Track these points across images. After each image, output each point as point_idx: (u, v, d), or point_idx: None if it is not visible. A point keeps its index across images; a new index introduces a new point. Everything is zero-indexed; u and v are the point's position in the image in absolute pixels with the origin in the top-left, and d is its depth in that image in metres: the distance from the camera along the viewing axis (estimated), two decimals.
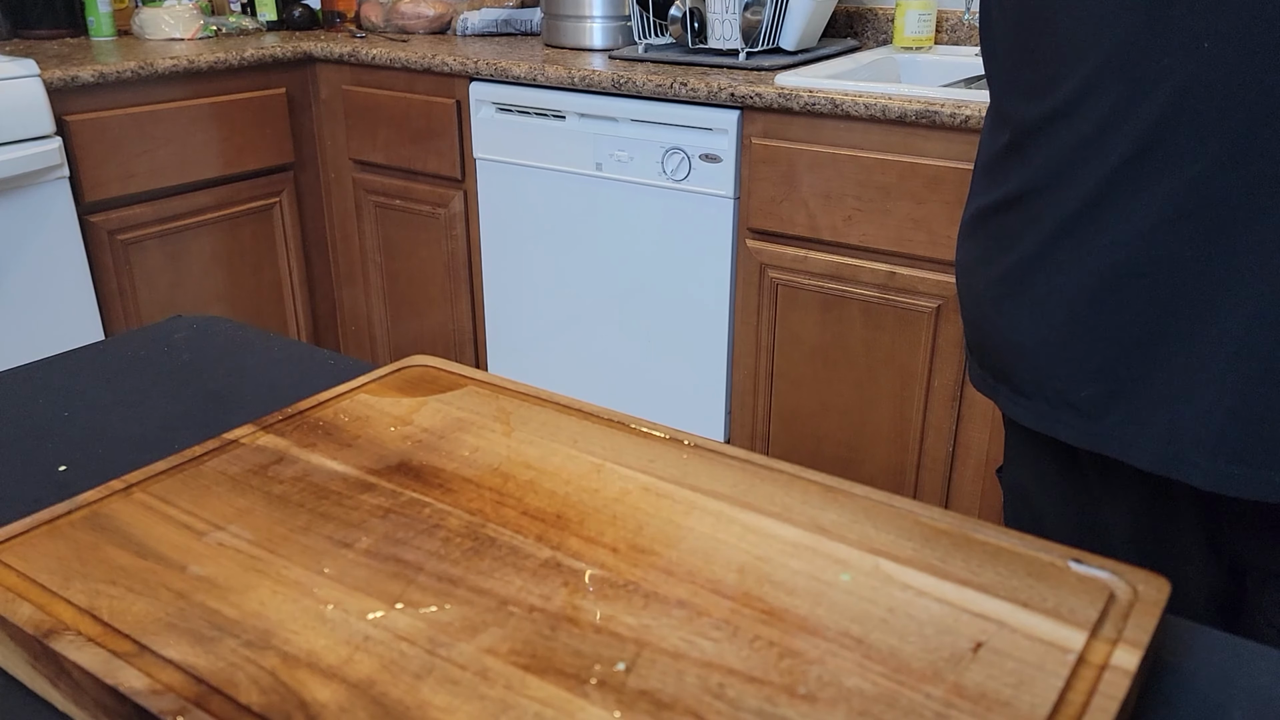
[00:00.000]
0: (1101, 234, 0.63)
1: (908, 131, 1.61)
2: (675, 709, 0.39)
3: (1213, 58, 0.57)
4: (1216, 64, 0.57)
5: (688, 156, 1.82)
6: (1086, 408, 0.67)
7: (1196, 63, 0.57)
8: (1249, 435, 0.60)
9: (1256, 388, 0.59)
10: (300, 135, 2.33)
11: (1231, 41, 0.56)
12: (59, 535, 0.50)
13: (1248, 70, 0.56)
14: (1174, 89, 0.58)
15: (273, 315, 2.37)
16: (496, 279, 2.19)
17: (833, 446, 1.85)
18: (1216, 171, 0.58)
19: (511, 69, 1.98)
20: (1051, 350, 0.68)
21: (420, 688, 0.40)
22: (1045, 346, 0.68)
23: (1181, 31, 0.57)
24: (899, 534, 0.50)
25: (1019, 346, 0.71)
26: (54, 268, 1.91)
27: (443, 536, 0.50)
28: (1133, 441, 0.65)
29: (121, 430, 0.67)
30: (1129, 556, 0.73)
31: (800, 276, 1.78)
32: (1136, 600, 0.45)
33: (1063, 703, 0.39)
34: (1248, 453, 0.61)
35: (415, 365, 0.69)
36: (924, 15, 2.03)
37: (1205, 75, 0.57)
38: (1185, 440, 0.63)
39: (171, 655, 0.42)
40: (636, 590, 0.46)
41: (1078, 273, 0.65)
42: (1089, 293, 0.65)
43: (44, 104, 1.83)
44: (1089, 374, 0.66)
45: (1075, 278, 0.65)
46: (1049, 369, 0.69)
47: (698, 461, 0.57)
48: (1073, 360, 0.67)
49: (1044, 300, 0.68)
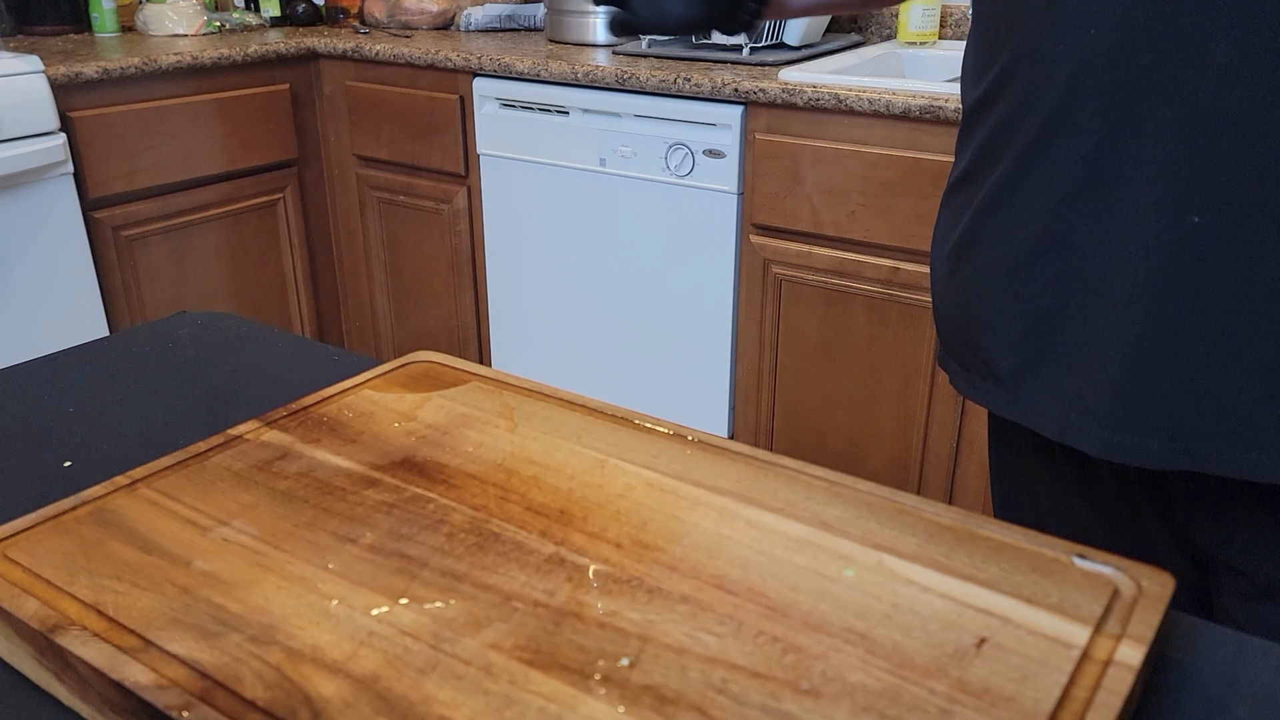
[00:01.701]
0: (1017, 211, 0.67)
1: (912, 127, 1.61)
2: (679, 704, 0.39)
3: (1097, 42, 0.60)
4: (1100, 48, 0.60)
5: (691, 152, 1.82)
6: (1007, 379, 0.71)
7: (1084, 49, 0.61)
8: (1129, 405, 0.64)
9: (1133, 361, 0.63)
10: (304, 131, 2.33)
11: (1112, 26, 0.59)
12: (64, 531, 0.50)
13: (1125, 52, 0.59)
14: (1068, 74, 0.62)
15: (277, 311, 2.37)
16: (500, 275, 2.19)
17: (836, 442, 1.85)
18: (1105, 151, 0.61)
19: (515, 64, 1.97)
20: (980, 324, 0.72)
21: (424, 683, 0.40)
22: (975, 320, 0.72)
23: (1074, 17, 0.61)
24: (903, 530, 0.50)
25: (958, 320, 0.75)
26: (58, 264, 1.91)
27: (447, 532, 0.50)
28: (1042, 411, 0.69)
29: (126, 426, 0.67)
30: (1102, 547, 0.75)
31: (804, 272, 1.78)
32: (1140, 596, 0.45)
33: (1066, 698, 0.39)
34: (1129, 421, 0.64)
35: (419, 361, 0.69)
36: (928, 10, 2.03)
37: (1091, 60, 0.61)
38: (1080, 409, 0.66)
39: (177, 650, 0.42)
40: (640, 586, 0.46)
41: (998, 249, 0.69)
42: (1006, 267, 0.68)
43: (48, 100, 1.83)
44: (1007, 346, 0.70)
45: (997, 253, 0.69)
46: (979, 341, 0.72)
47: (701, 457, 0.57)
48: (995, 333, 0.70)
49: (975, 276, 0.72)
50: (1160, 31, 0.58)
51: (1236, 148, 0.57)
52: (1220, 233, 0.59)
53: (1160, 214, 0.60)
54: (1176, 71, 0.58)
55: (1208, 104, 0.57)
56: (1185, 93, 0.58)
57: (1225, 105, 0.57)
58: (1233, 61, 0.56)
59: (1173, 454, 0.64)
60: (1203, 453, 0.63)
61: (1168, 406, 0.63)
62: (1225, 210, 0.58)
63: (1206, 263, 0.59)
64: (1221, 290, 0.59)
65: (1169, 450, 0.64)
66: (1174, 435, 0.63)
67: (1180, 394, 0.62)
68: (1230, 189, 0.58)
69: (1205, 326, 0.60)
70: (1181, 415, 0.63)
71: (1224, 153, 0.57)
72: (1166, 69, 0.58)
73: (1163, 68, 0.58)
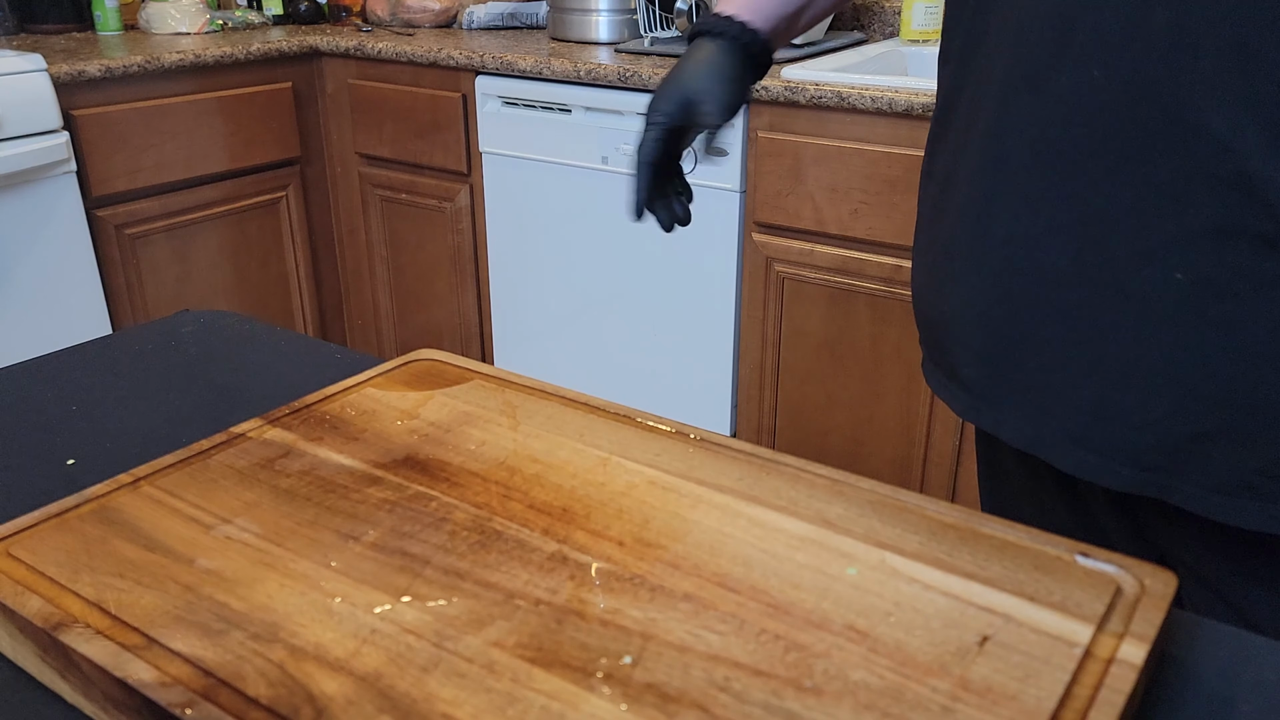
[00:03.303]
0: (990, 227, 0.66)
1: (914, 125, 1.61)
2: (681, 702, 0.39)
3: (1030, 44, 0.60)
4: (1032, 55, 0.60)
5: (693, 150, 1.82)
6: (971, 385, 0.70)
7: (1014, 55, 0.61)
8: (1104, 432, 0.63)
9: (1106, 392, 0.62)
10: (306, 129, 2.33)
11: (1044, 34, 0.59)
12: (68, 529, 0.50)
13: (1122, 94, 0.57)
14: (1000, 82, 0.62)
15: (279, 309, 2.38)
16: (502, 273, 2.19)
17: (839, 440, 1.85)
18: (1101, 181, 0.59)
19: (517, 63, 1.97)
20: (946, 327, 0.71)
21: (427, 680, 0.40)
22: (943, 325, 0.72)
23: (1000, 27, 0.62)
24: (905, 528, 0.50)
25: (926, 315, 0.75)
26: (61, 262, 1.92)
27: (449, 530, 0.50)
28: (1005, 421, 0.69)
29: (129, 424, 0.67)
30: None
31: (806, 270, 1.78)
32: (1143, 594, 0.45)
33: (1069, 696, 0.39)
34: (1103, 445, 0.64)
35: (421, 359, 0.69)
36: (931, 8, 2.03)
37: (1022, 68, 0.61)
38: (1050, 428, 0.66)
39: (180, 648, 0.42)
40: (643, 584, 0.46)
41: (968, 260, 0.68)
42: (976, 282, 0.67)
43: (51, 99, 1.83)
44: (972, 355, 0.69)
45: (967, 264, 0.68)
46: (945, 345, 0.72)
47: (704, 455, 0.57)
48: (961, 342, 0.70)
49: (947, 283, 0.71)
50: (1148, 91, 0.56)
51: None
52: (1200, 288, 0.57)
53: (1147, 262, 0.58)
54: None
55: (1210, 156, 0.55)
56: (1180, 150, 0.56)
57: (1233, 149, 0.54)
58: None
59: (1142, 483, 0.63)
60: (1172, 487, 0.62)
61: (1139, 439, 0.62)
62: (1204, 268, 0.57)
63: (1186, 313, 0.58)
64: (1200, 337, 0.58)
65: (1138, 479, 0.63)
66: (1144, 467, 0.62)
67: (1152, 430, 0.61)
68: (1214, 249, 0.56)
69: (1183, 369, 0.59)
70: (1153, 450, 0.62)
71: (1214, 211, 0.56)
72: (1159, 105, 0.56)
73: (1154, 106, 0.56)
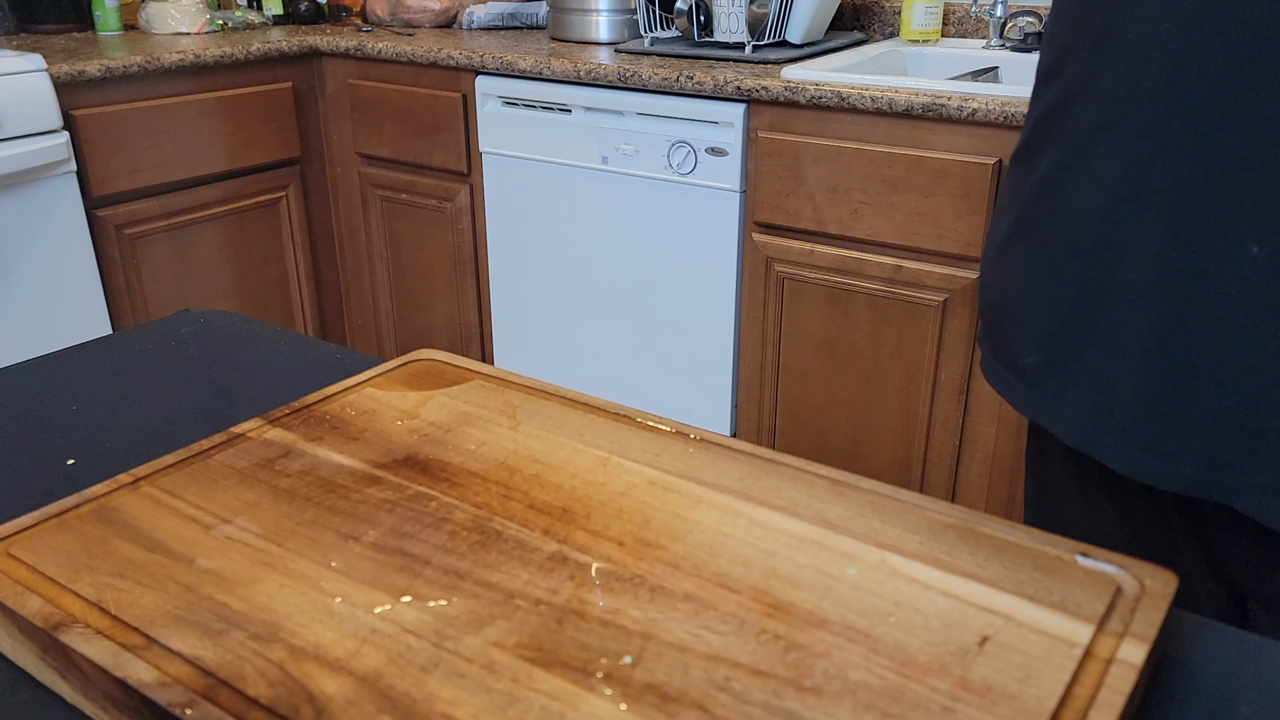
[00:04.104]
0: (1064, 203, 0.63)
1: (914, 125, 1.61)
2: (681, 702, 0.39)
3: (1169, 39, 0.55)
4: (1171, 47, 0.55)
5: (694, 150, 1.82)
6: (1028, 375, 0.67)
7: (1153, 44, 0.56)
8: (1163, 426, 0.59)
9: (1169, 381, 0.59)
10: (306, 129, 2.33)
11: (1190, 26, 0.55)
12: (68, 529, 0.50)
13: (1196, 59, 0.55)
14: (1131, 68, 0.57)
15: (279, 309, 2.38)
16: (502, 273, 2.19)
17: (839, 440, 1.85)
18: (1162, 158, 0.57)
19: (517, 63, 1.97)
20: (1009, 314, 0.68)
21: (427, 680, 0.40)
22: (1006, 310, 0.69)
23: (1148, 6, 0.56)
24: (905, 528, 0.50)
25: (990, 303, 0.72)
26: (61, 262, 1.92)
27: (449, 530, 0.50)
28: (1061, 415, 0.65)
29: (129, 424, 0.67)
30: None
31: (806, 270, 1.78)
32: (1143, 594, 0.45)
33: (1069, 696, 0.39)
34: (1160, 442, 0.60)
35: (421, 359, 0.69)
36: (931, 8, 2.03)
37: (1160, 58, 0.56)
38: (1106, 423, 0.62)
39: (180, 648, 0.42)
40: (643, 584, 0.46)
41: (1039, 238, 0.65)
42: (1043, 262, 0.65)
43: (51, 99, 1.83)
44: (1033, 343, 0.66)
45: (1037, 243, 0.65)
46: (1006, 332, 0.69)
47: (704, 455, 0.57)
48: (1022, 327, 0.67)
49: (1013, 262, 0.68)
50: (1236, 44, 0.53)
51: None
52: (1278, 267, 0.54)
53: (1219, 235, 0.55)
54: (1248, 87, 0.53)
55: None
56: (1262, 112, 0.53)
57: None
58: None
59: (1205, 484, 0.59)
60: (1239, 488, 0.58)
61: (1204, 433, 0.58)
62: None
63: (1261, 296, 0.55)
64: (1274, 325, 0.55)
65: (1202, 480, 0.59)
66: (1208, 464, 0.58)
67: (1219, 423, 0.57)
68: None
69: (1253, 361, 0.55)
70: (1218, 445, 0.58)
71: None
72: (1237, 83, 0.53)
73: (1233, 81, 0.53)
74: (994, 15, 1.99)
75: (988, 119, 1.52)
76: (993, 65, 1.95)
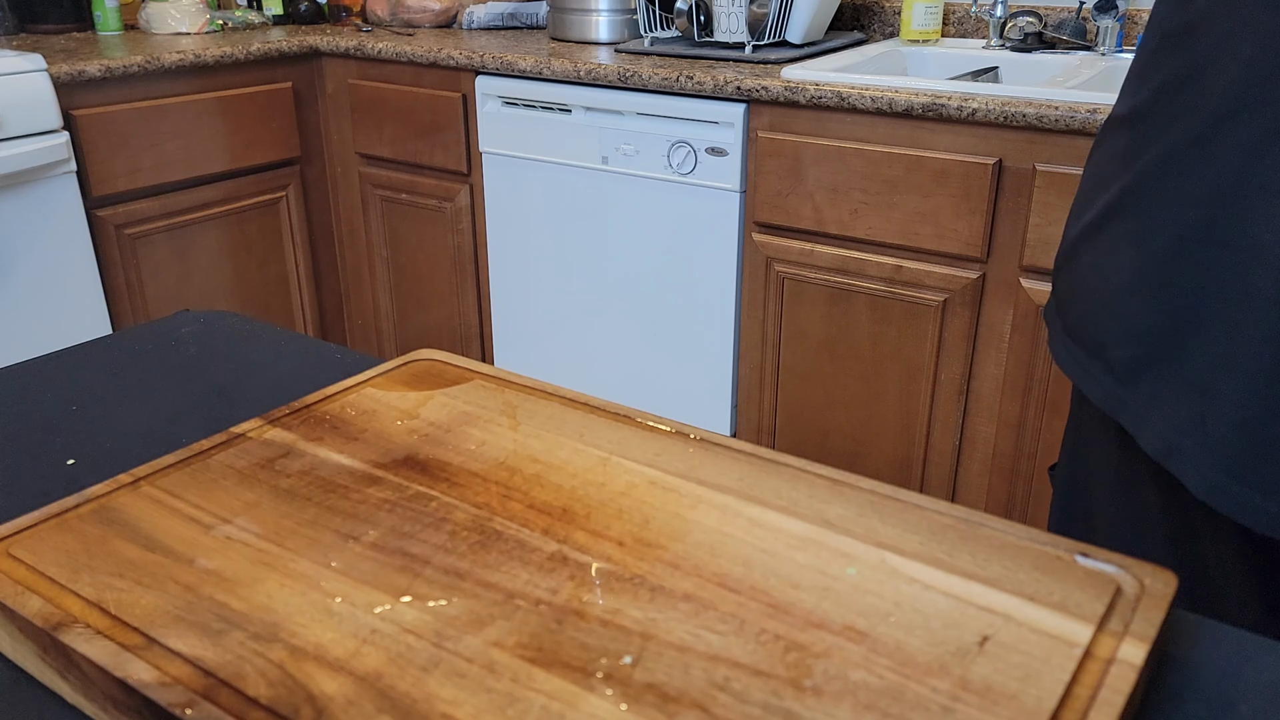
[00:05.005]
0: (1187, 182, 0.55)
1: (914, 125, 1.61)
2: (681, 702, 0.39)
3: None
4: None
5: (694, 150, 1.82)
6: (1119, 369, 0.60)
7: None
8: (1255, 455, 0.53)
9: (1272, 394, 0.52)
10: (306, 129, 2.33)
11: None
12: (67, 529, 0.50)
13: None
14: (1257, 47, 0.50)
15: (279, 310, 2.38)
16: (502, 273, 2.19)
17: (839, 440, 1.85)
18: None
19: (517, 63, 1.97)
20: (1106, 297, 0.61)
21: (427, 680, 0.40)
22: (1099, 292, 0.62)
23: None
24: (905, 528, 0.50)
25: (1079, 283, 0.65)
26: (61, 262, 1.92)
27: (449, 530, 0.50)
28: (1146, 419, 0.59)
29: (129, 424, 0.67)
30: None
31: (806, 270, 1.78)
32: (1143, 594, 0.45)
33: (1069, 696, 0.39)
34: (1249, 472, 0.53)
35: (421, 359, 0.69)
36: (931, 8, 2.03)
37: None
38: (1198, 438, 0.55)
39: (180, 648, 0.42)
40: (643, 584, 0.46)
41: (1154, 220, 0.58)
42: (1157, 245, 0.57)
43: (51, 99, 1.83)
44: (1131, 335, 0.59)
45: (1150, 224, 0.58)
46: (1097, 318, 0.62)
47: (704, 455, 0.57)
48: (1120, 315, 0.60)
49: (1118, 243, 0.61)
50: None
51: None
52: None
53: None
54: None
55: None
56: None
57: None
58: None
59: None
60: None
61: None
62: None
63: None
64: None
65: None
66: None
67: None
68: None
69: None
70: None
71: None
72: None
73: None
74: (994, 15, 1.99)
75: (988, 119, 1.52)
76: (993, 65, 1.95)
